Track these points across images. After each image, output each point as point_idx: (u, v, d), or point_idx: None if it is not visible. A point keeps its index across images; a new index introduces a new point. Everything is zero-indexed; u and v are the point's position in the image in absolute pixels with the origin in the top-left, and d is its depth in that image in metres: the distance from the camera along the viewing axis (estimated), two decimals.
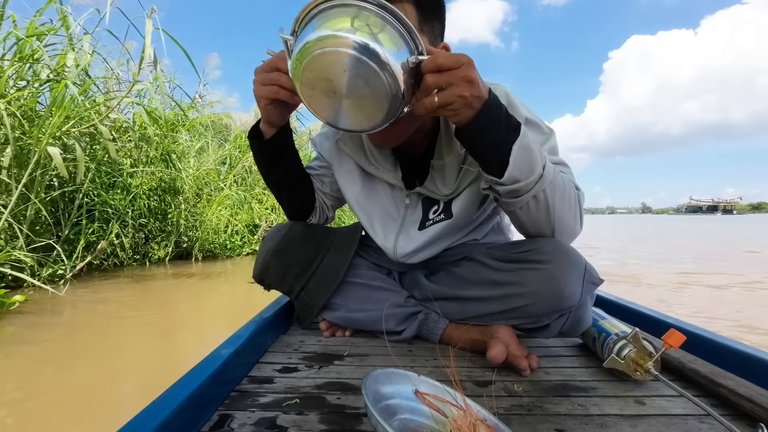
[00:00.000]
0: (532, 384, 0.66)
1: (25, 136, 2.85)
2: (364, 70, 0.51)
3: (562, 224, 0.68)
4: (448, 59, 0.52)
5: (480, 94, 0.55)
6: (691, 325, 0.80)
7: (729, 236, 10.95)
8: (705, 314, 2.33)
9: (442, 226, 0.81)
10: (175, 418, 0.45)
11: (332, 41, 0.50)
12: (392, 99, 0.54)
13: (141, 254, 4.08)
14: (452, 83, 0.53)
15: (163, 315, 2.27)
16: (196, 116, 5.46)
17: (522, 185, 0.61)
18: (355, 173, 0.86)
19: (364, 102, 0.55)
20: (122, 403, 1.18)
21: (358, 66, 0.51)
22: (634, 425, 0.53)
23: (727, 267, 4.51)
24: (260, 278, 0.89)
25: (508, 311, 0.73)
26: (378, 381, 0.51)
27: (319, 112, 0.59)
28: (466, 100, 0.54)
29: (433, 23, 0.66)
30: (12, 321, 2.03)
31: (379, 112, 0.56)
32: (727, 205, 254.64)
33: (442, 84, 0.53)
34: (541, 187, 0.62)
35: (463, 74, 0.52)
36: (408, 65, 0.53)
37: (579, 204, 0.70)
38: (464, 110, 0.55)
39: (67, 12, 3.22)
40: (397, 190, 0.85)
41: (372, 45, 0.50)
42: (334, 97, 0.55)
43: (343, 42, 0.50)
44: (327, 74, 0.53)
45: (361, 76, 0.52)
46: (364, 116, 0.57)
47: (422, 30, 0.64)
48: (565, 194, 0.66)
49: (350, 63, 0.51)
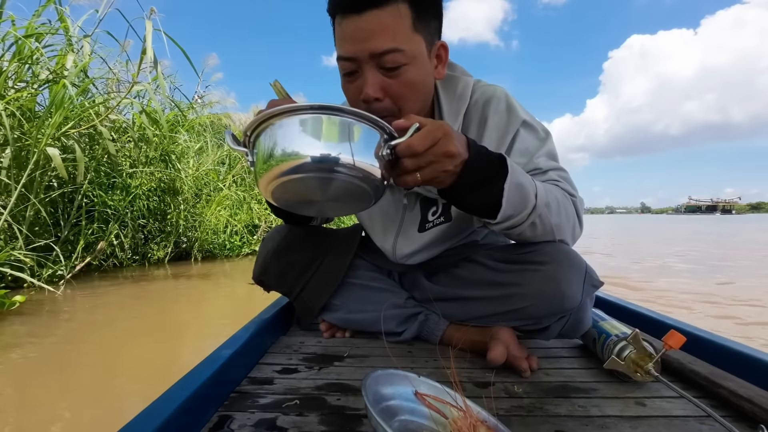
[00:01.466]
0: (532, 385, 0.66)
1: (24, 137, 2.85)
2: (340, 184, 0.49)
3: (562, 235, 0.69)
4: (423, 141, 0.50)
5: (461, 159, 0.53)
6: (691, 326, 0.80)
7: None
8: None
9: (441, 229, 0.81)
10: (175, 419, 0.45)
11: (299, 166, 0.46)
12: (374, 189, 0.51)
13: (140, 255, 4.08)
14: (432, 162, 0.51)
15: (162, 316, 2.27)
16: (195, 117, 5.46)
17: (516, 219, 0.61)
18: None
19: (347, 200, 0.54)
20: (122, 404, 1.18)
21: (331, 182, 0.48)
22: (634, 426, 0.53)
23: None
24: (260, 279, 0.89)
25: (508, 312, 0.73)
26: (378, 382, 0.51)
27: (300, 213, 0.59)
28: (447, 172, 0.53)
29: (429, 21, 0.65)
30: (12, 321, 2.02)
31: (363, 202, 0.55)
32: (725, 204, 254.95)
33: (422, 164, 0.51)
34: (537, 214, 0.62)
35: (442, 150, 0.51)
36: (383, 158, 0.50)
37: (577, 213, 0.70)
38: (446, 178, 0.54)
39: (66, 13, 3.22)
40: (395, 190, 0.85)
41: (341, 158, 0.46)
42: (313, 204, 0.54)
43: (310, 167, 0.46)
44: (301, 196, 0.52)
45: (338, 188, 0.49)
46: (350, 208, 0.58)
47: (417, 29, 0.63)
48: (561, 211, 0.66)
49: (322, 184, 0.49)
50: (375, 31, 0.60)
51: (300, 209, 0.58)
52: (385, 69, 0.62)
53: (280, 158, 0.47)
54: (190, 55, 3.99)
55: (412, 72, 0.63)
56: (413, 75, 0.64)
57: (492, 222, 0.61)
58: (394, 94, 0.64)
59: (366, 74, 0.63)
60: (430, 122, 0.51)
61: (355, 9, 0.60)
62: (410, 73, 0.63)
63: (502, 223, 0.61)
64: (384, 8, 0.59)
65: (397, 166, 0.52)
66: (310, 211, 0.60)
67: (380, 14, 0.59)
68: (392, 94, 0.64)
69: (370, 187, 0.50)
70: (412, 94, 0.66)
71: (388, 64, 0.62)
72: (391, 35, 0.60)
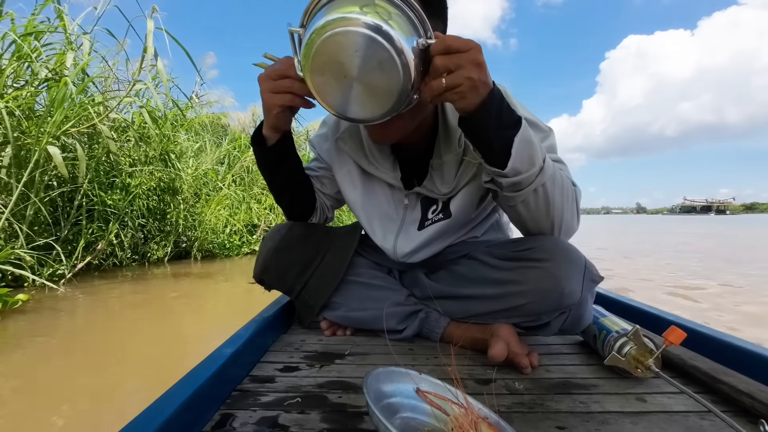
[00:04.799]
0: (533, 382, 0.66)
1: (24, 135, 2.85)
2: (376, 51, 0.51)
3: (561, 220, 0.68)
4: (457, 41, 0.52)
5: (486, 80, 0.55)
6: (692, 322, 0.80)
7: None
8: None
9: (441, 225, 0.81)
10: (177, 418, 0.45)
11: (343, 22, 0.50)
12: (404, 83, 0.53)
13: (140, 254, 4.08)
14: (461, 65, 0.52)
15: (163, 315, 2.27)
16: (194, 116, 5.45)
17: (523, 177, 0.61)
18: (354, 174, 0.86)
19: (375, 86, 0.54)
20: (124, 403, 1.18)
21: (370, 46, 0.51)
22: (635, 422, 0.53)
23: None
24: (261, 278, 0.89)
25: (509, 309, 0.73)
26: (379, 380, 0.51)
27: (328, 100, 0.59)
28: (474, 82, 0.53)
29: (437, 22, 0.65)
30: (15, 319, 2.03)
31: (389, 97, 0.55)
32: (720, 205, 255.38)
33: (451, 66, 0.53)
34: (542, 181, 0.62)
35: (472, 57, 0.52)
36: (418, 48, 0.52)
37: (576, 200, 0.70)
38: (471, 94, 0.55)
39: (64, 11, 3.21)
40: (396, 190, 0.85)
41: (383, 26, 0.50)
42: (345, 80, 0.55)
43: (355, 22, 0.50)
44: (338, 57, 0.53)
45: (373, 57, 0.51)
46: (375, 103, 0.56)
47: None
48: (564, 189, 0.66)
49: (362, 43, 0.51)
50: None
51: (329, 92, 0.58)
52: None
53: (329, 16, 0.51)
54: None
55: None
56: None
57: (501, 172, 0.60)
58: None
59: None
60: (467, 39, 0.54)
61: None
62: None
63: (509, 178, 0.61)
64: None
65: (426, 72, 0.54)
66: (336, 98, 0.58)
67: None
68: None
69: (401, 73, 0.52)
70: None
71: None
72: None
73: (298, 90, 0.62)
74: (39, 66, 3.02)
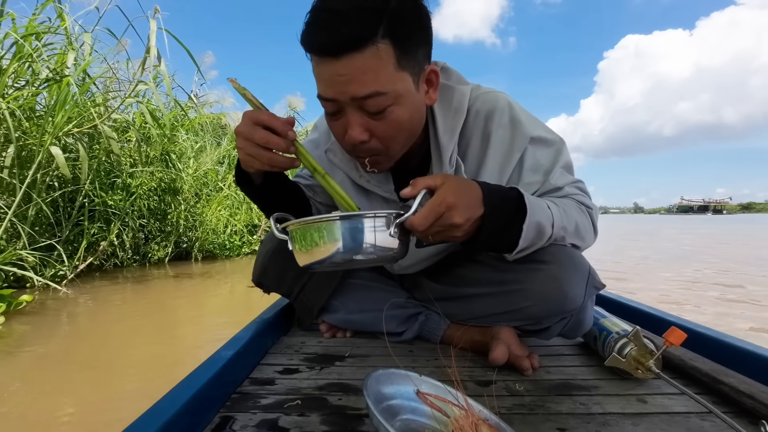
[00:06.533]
0: (533, 383, 0.66)
1: (25, 136, 2.85)
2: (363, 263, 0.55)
3: (575, 243, 0.70)
4: (426, 220, 0.51)
5: (469, 224, 0.54)
6: (692, 323, 0.80)
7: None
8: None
9: (440, 245, 0.79)
10: (177, 421, 0.45)
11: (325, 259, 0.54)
12: (396, 253, 0.55)
13: (141, 255, 4.08)
14: (439, 231, 0.53)
15: (164, 317, 2.28)
16: (195, 116, 5.45)
17: (531, 249, 0.63)
18: (347, 185, 0.81)
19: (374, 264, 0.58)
20: (124, 405, 1.18)
21: (355, 263, 0.54)
22: (636, 423, 0.53)
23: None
24: (259, 281, 0.88)
25: (510, 312, 0.73)
26: (379, 381, 0.51)
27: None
28: (460, 237, 0.55)
29: (415, 53, 0.58)
30: (19, 320, 2.03)
31: (388, 261, 0.58)
32: (717, 205, 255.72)
33: (430, 234, 0.54)
34: (552, 240, 0.63)
35: (447, 223, 0.52)
36: (394, 235, 0.53)
37: (592, 223, 0.70)
38: (461, 238, 0.56)
39: (65, 11, 3.21)
40: (392, 203, 0.79)
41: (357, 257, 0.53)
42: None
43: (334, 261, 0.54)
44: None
45: (362, 264, 0.55)
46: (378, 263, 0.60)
47: (401, 66, 0.56)
48: (578, 230, 0.66)
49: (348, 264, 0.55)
50: (354, 76, 0.54)
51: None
52: (369, 112, 0.58)
53: (314, 251, 0.55)
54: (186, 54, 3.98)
55: (398, 112, 0.58)
56: (400, 114, 0.59)
57: (508, 257, 0.63)
58: (381, 135, 0.60)
59: (349, 117, 0.58)
60: (436, 194, 0.52)
61: (331, 53, 0.53)
62: (396, 113, 0.58)
63: (516, 255, 0.62)
64: (363, 51, 0.53)
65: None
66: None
67: (359, 58, 0.53)
68: (378, 135, 0.60)
69: (390, 254, 0.55)
70: (400, 133, 0.61)
71: (372, 108, 0.57)
72: (372, 78, 0.54)
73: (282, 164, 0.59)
74: (40, 66, 3.02)
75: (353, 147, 0.62)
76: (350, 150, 0.64)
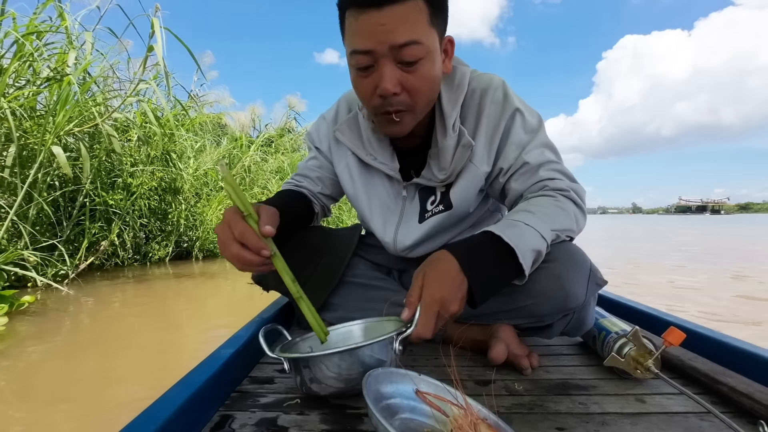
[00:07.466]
0: (532, 382, 0.66)
1: (26, 135, 2.85)
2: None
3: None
4: (429, 326, 0.55)
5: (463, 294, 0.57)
6: (691, 323, 0.80)
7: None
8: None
9: (441, 217, 0.80)
10: (177, 419, 0.45)
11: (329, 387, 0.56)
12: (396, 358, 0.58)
13: (141, 254, 4.09)
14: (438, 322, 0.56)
15: (164, 316, 2.28)
16: (195, 116, 5.46)
17: (538, 263, 0.64)
18: (352, 166, 0.85)
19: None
20: (124, 403, 1.18)
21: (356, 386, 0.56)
22: (634, 423, 0.53)
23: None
24: (259, 279, 0.88)
25: (512, 310, 0.73)
26: (379, 380, 0.51)
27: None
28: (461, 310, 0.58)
29: (443, 14, 0.65)
30: (21, 320, 2.04)
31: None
32: (715, 205, 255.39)
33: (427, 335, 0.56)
34: (549, 243, 0.65)
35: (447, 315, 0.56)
36: (398, 352, 0.57)
37: (576, 205, 0.71)
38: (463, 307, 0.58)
39: (66, 10, 3.21)
40: (395, 182, 0.84)
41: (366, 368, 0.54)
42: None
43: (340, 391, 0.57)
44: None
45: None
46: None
47: (432, 23, 0.63)
48: (564, 223, 0.67)
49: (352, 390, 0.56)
50: (396, 24, 0.59)
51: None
52: (403, 63, 0.62)
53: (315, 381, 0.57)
54: (185, 53, 3.98)
55: (427, 66, 0.64)
56: (429, 69, 0.64)
57: (518, 282, 0.64)
58: (411, 88, 0.64)
59: (383, 68, 0.62)
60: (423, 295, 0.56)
61: (375, 4, 0.59)
62: (426, 67, 0.64)
63: (526, 279, 0.64)
64: (403, 3, 0.59)
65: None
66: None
67: (400, 8, 0.59)
68: (409, 88, 0.64)
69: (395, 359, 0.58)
70: (427, 88, 0.66)
71: (407, 58, 0.61)
72: (410, 28, 0.60)
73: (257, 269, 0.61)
74: (41, 65, 3.02)
75: (383, 101, 0.65)
76: (379, 106, 0.67)
